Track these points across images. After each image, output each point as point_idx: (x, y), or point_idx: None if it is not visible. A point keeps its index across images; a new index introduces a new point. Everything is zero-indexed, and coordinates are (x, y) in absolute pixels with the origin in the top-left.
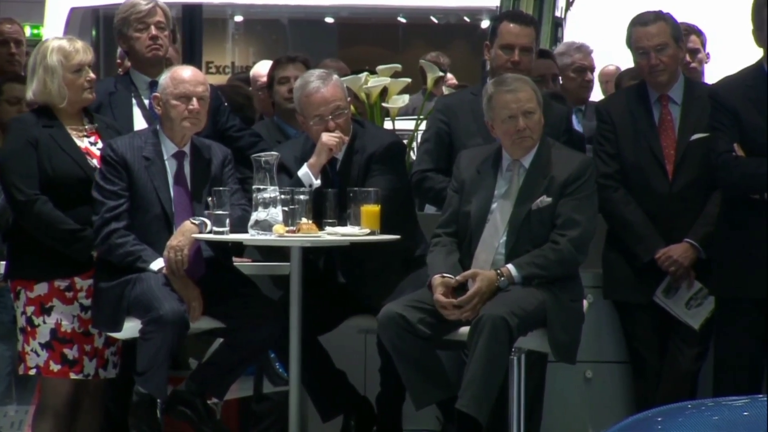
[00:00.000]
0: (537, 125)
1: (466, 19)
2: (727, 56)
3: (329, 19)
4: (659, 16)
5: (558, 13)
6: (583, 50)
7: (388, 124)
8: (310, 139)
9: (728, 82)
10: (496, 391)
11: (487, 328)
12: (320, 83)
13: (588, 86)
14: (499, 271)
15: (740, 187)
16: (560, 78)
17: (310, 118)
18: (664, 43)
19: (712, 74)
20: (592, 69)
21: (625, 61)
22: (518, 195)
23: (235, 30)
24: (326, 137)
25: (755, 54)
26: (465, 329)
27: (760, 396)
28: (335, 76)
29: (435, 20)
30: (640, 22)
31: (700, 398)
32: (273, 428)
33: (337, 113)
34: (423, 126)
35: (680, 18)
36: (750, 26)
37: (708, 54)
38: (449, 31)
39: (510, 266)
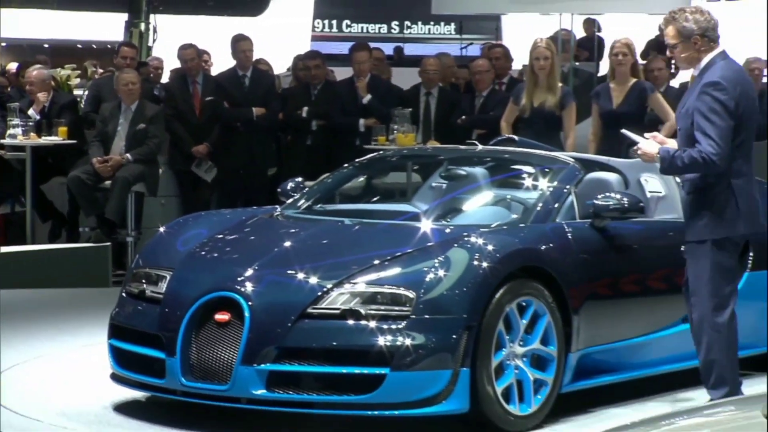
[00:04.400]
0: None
1: (109, 45)
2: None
3: (46, 45)
4: (244, 36)
5: (150, 44)
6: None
7: (71, 91)
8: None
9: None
10: (124, 208)
11: (120, 180)
12: (41, 69)
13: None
14: (123, 157)
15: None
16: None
17: (35, 85)
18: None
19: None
20: (162, 66)
21: None
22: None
23: (4, 49)
24: (41, 95)
25: None
26: (108, 182)
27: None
28: (46, 70)
29: (95, 46)
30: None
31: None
32: (19, 229)
33: (46, 82)
34: (86, 92)
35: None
36: None
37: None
38: (102, 51)
39: (128, 155)
